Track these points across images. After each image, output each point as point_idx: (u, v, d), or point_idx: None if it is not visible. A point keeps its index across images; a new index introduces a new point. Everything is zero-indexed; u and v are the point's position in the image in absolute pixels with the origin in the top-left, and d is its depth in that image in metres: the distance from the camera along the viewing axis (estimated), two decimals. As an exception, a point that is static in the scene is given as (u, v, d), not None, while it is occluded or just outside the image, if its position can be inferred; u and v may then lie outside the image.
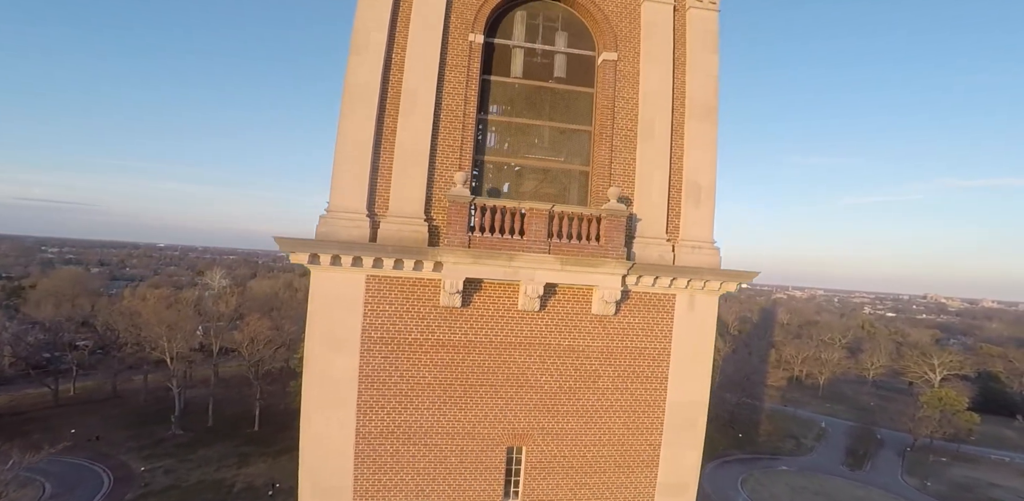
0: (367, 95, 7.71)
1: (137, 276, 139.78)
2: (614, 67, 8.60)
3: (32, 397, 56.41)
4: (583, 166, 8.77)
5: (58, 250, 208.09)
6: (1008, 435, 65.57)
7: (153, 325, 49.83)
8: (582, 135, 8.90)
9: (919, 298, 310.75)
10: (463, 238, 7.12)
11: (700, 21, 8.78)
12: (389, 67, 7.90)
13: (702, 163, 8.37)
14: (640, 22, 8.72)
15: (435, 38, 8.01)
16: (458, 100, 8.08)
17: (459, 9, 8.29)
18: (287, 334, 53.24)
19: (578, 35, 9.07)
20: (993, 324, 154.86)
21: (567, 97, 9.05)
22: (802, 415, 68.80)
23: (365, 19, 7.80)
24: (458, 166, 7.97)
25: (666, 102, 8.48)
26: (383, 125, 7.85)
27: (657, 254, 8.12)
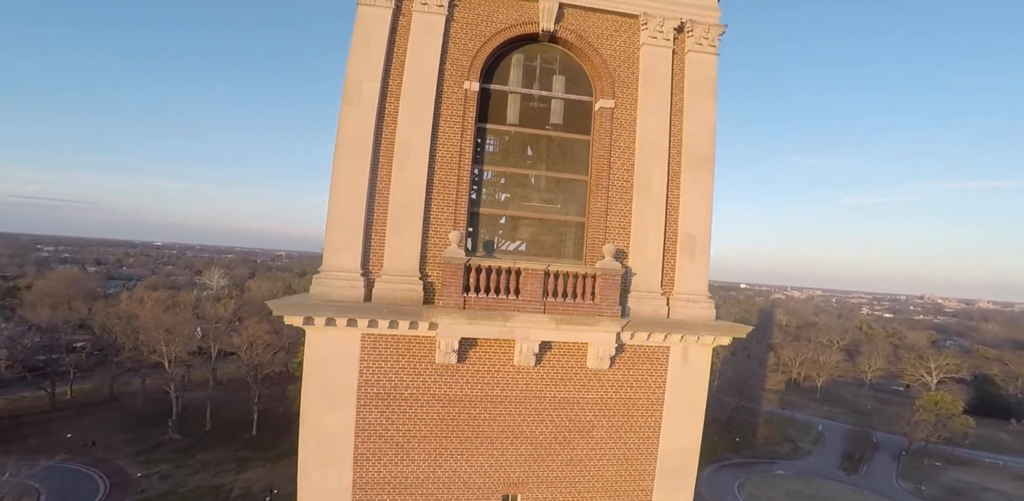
0: (360, 149, 7.58)
1: (134, 275, 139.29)
2: (611, 115, 8.49)
3: (29, 400, 56.27)
4: (579, 217, 8.69)
5: (54, 248, 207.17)
6: (1002, 438, 66.06)
7: (151, 329, 49.68)
8: (578, 184, 8.82)
9: (916, 298, 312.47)
10: (458, 300, 7.07)
11: (699, 65, 8.64)
12: (382, 118, 7.78)
13: (697, 215, 8.31)
14: (638, 67, 8.59)
15: (430, 86, 7.89)
16: (453, 152, 7.97)
17: (455, 56, 8.18)
18: (286, 338, 53.13)
19: (575, 80, 8.95)
20: (989, 326, 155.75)
21: (563, 145, 8.95)
22: (799, 418, 69.18)
23: (358, 68, 7.66)
24: (453, 221, 7.89)
25: (663, 153, 8.39)
26: (376, 180, 7.73)
27: (652, 309, 8.09)
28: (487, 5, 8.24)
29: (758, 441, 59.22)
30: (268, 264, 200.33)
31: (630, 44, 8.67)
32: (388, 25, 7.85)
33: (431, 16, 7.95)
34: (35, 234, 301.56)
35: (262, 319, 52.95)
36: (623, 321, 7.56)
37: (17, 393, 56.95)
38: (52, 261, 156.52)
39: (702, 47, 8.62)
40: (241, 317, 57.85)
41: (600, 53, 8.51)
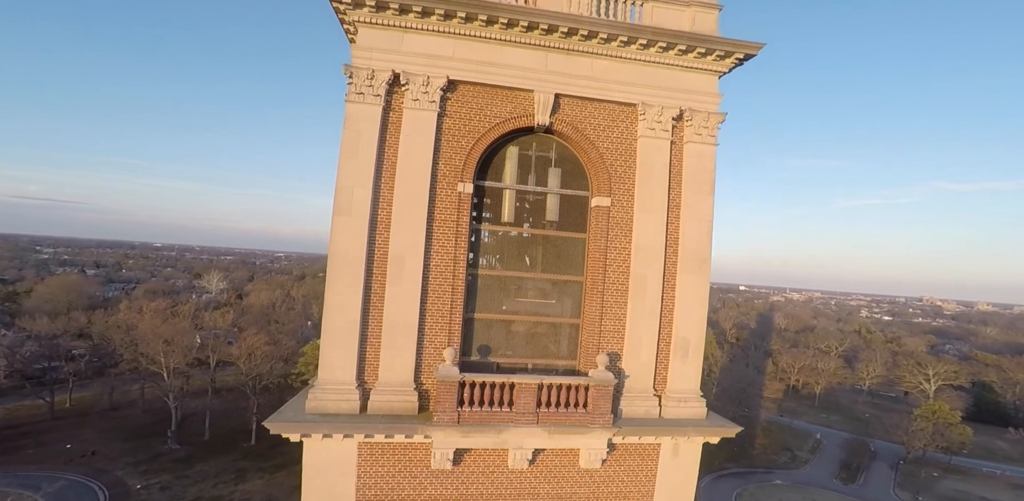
0: (353, 264, 7.52)
1: (133, 279, 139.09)
2: (607, 213, 8.37)
3: (28, 409, 56.19)
4: (574, 318, 8.58)
5: (53, 250, 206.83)
6: (1000, 447, 66.19)
7: (149, 339, 49.65)
8: (574, 285, 8.72)
9: (915, 301, 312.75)
10: (452, 415, 7.09)
11: (698, 158, 8.48)
12: (375, 227, 7.66)
13: (692, 318, 8.25)
14: (636, 161, 8.41)
15: (422, 190, 7.73)
16: (447, 259, 7.87)
17: (447, 155, 7.93)
18: (285, 349, 53.14)
19: (572, 172, 8.73)
20: (988, 329, 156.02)
21: (559, 244, 8.79)
22: (798, 426, 69.27)
23: (348, 174, 7.46)
24: (447, 333, 7.78)
25: (659, 256, 8.28)
26: (370, 294, 7.66)
27: (644, 409, 8.09)
28: (480, 98, 8.02)
29: (756, 450, 59.31)
30: (267, 266, 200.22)
31: (628, 134, 8.44)
32: (378, 123, 7.62)
33: (423, 113, 7.73)
34: (34, 235, 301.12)
35: (260, 329, 52.94)
36: (615, 429, 7.57)
37: (16, 402, 56.87)
38: (51, 264, 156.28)
39: (701, 137, 8.41)
40: (240, 327, 57.85)
41: (597, 146, 8.33)
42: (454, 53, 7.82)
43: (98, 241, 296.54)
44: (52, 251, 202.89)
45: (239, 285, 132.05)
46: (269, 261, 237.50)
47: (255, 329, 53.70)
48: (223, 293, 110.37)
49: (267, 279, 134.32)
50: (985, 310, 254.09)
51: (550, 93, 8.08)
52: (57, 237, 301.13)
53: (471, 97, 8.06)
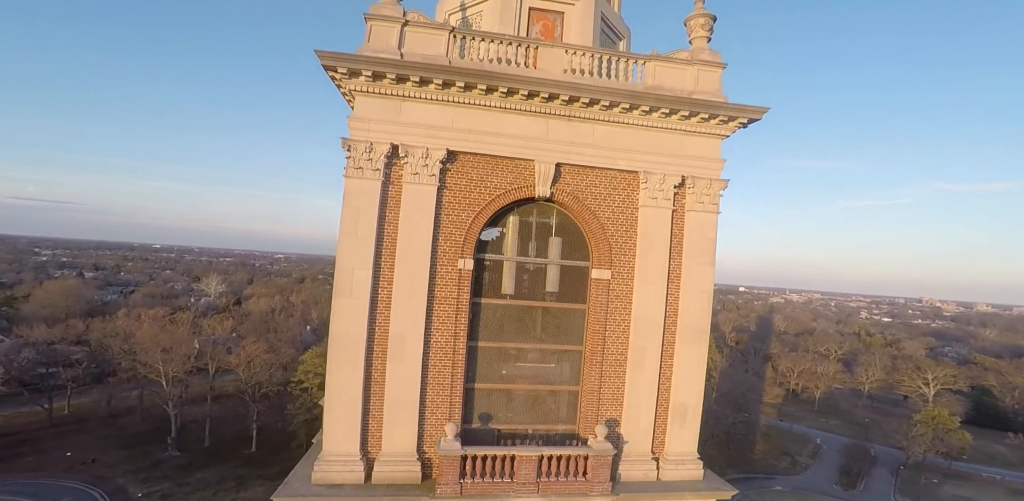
0: (354, 345, 7.50)
1: (132, 282, 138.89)
2: (608, 286, 8.30)
3: (26, 416, 56.04)
4: (573, 385, 8.57)
5: (52, 252, 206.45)
6: (1000, 451, 66.26)
7: (148, 348, 49.55)
8: (574, 354, 8.70)
9: (915, 302, 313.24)
10: (455, 487, 7.11)
11: (699, 228, 8.41)
12: (376, 306, 7.60)
13: (690, 385, 8.27)
14: (637, 231, 8.33)
15: (423, 268, 7.63)
16: (447, 335, 7.82)
17: (448, 229, 7.80)
18: (284, 356, 53.05)
19: (572, 243, 8.65)
20: (987, 331, 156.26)
21: (559, 315, 8.75)
22: (797, 431, 69.30)
23: (348, 254, 7.39)
24: (448, 406, 7.74)
25: (658, 328, 8.25)
26: (371, 370, 7.63)
27: (642, 473, 8.11)
28: (480, 168, 7.91)
29: (756, 456, 59.31)
30: (266, 268, 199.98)
31: (628, 203, 8.34)
32: (377, 198, 7.50)
33: (423, 187, 7.61)
34: (33, 236, 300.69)
35: (259, 337, 52.85)
36: (614, 496, 7.60)
37: (13, 409, 56.72)
38: (50, 266, 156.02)
39: (703, 205, 8.35)
40: (240, 335, 57.79)
41: (597, 216, 8.25)
42: (453, 122, 7.67)
43: (97, 242, 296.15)
44: (51, 253, 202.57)
45: (238, 288, 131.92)
46: (268, 263, 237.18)
47: (254, 337, 53.60)
48: (222, 297, 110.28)
49: (266, 282, 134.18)
50: (985, 311, 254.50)
51: (551, 163, 7.95)
52: (56, 238, 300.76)
53: (471, 168, 7.94)
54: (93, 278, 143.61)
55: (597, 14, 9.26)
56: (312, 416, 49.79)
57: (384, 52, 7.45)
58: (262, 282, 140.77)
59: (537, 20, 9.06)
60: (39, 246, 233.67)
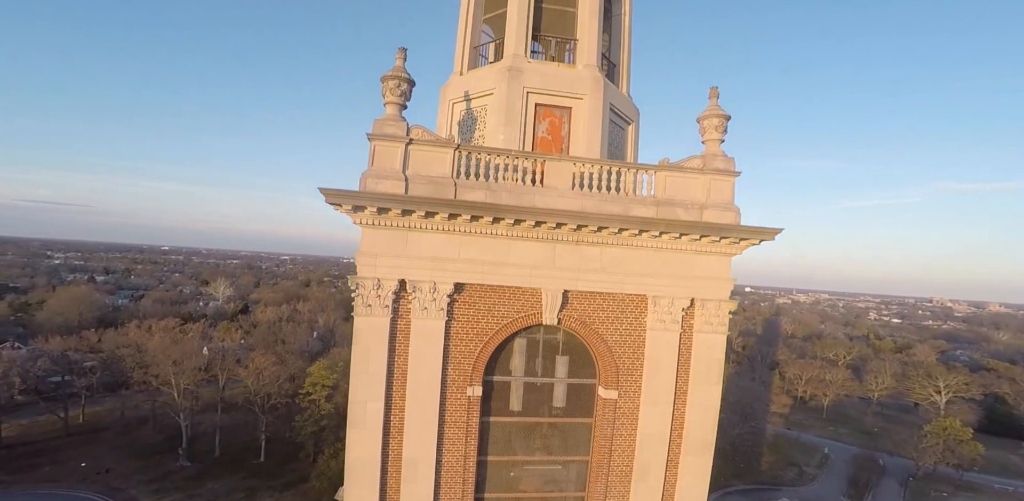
0: (369, 469, 7.64)
1: (142, 286, 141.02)
2: (614, 405, 8.38)
3: (42, 425, 57.27)
4: (579, 492, 8.63)
5: (64, 256, 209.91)
6: (1013, 462, 65.29)
7: (160, 360, 50.41)
8: (579, 464, 8.74)
9: (925, 302, 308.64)
10: None
11: (706, 348, 8.38)
12: (388, 433, 7.75)
13: (695, 494, 8.22)
14: (644, 352, 8.33)
15: (433, 397, 7.76)
16: (458, 456, 7.97)
17: (456, 359, 7.91)
18: (292, 367, 53.64)
19: (579, 362, 8.70)
20: (1000, 334, 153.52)
21: (566, 428, 8.88)
22: (805, 440, 68.78)
23: (360, 390, 7.57)
24: None
25: (663, 444, 8.31)
26: (386, 491, 7.73)
27: None
28: (488, 299, 7.97)
29: (763, 466, 59.00)
30: (273, 271, 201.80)
31: (636, 325, 8.34)
32: (387, 334, 7.66)
33: (431, 322, 7.73)
34: (46, 239, 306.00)
35: (267, 349, 53.43)
36: None
37: (31, 417, 57.97)
38: (62, 270, 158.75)
39: (711, 327, 8.31)
40: (248, 345, 58.50)
41: (605, 340, 8.25)
42: (460, 253, 7.72)
43: (107, 244, 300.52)
44: (63, 256, 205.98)
45: (245, 292, 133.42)
46: (275, 265, 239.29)
47: (262, 349, 54.23)
48: (230, 301, 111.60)
49: (273, 286, 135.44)
50: (997, 312, 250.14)
51: (558, 291, 8.00)
52: (68, 241, 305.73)
53: (478, 297, 8.01)
54: (104, 282, 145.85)
55: (606, 106, 9.16)
56: (319, 427, 50.40)
57: (388, 177, 7.48)
58: (269, 286, 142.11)
59: (544, 117, 8.98)
60: (51, 249, 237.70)
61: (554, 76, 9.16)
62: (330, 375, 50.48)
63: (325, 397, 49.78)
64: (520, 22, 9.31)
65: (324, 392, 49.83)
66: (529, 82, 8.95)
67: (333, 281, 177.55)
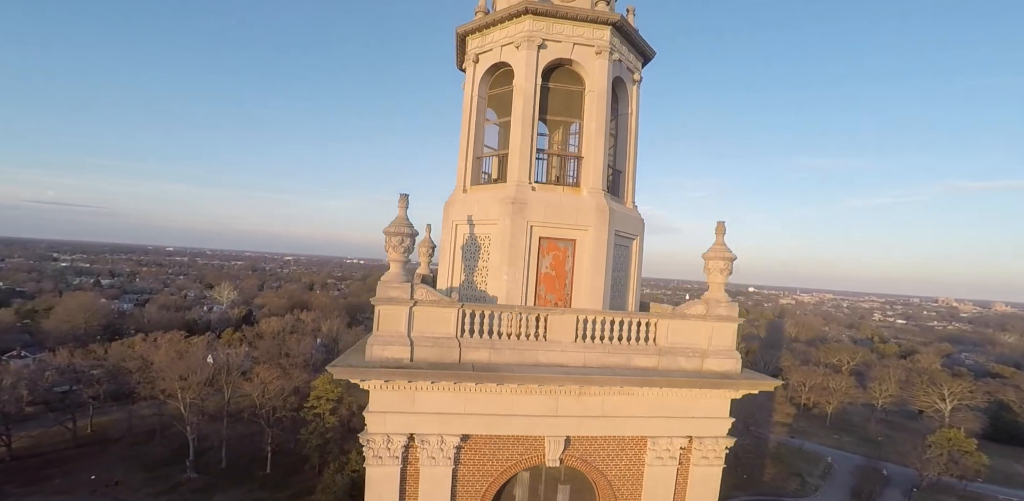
0: None
1: (147, 290, 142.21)
2: None
3: (51, 436, 58.00)
4: None
5: (70, 258, 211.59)
6: (1018, 471, 65.10)
7: (166, 374, 50.93)
8: None
9: (930, 302, 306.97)
10: None
11: (703, 481, 8.44)
12: None
13: None
14: (642, 486, 8.42)
15: None
16: None
17: (463, 497, 8.03)
18: (296, 380, 54.05)
19: (579, 490, 8.78)
20: (1006, 336, 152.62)
21: None
22: (809, 449, 68.79)
23: None
24: None
25: None
26: None
27: None
28: (493, 446, 8.10)
29: (765, 477, 59.09)
30: (277, 273, 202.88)
31: (636, 460, 8.47)
32: (397, 481, 7.85)
33: (439, 469, 7.90)
34: (52, 240, 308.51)
35: (272, 363, 53.79)
36: None
37: (40, 428, 58.73)
38: (68, 274, 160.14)
39: (708, 461, 8.41)
40: (254, 357, 58.92)
41: (605, 475, 8.36)
42: (466, 408, 7.86)
43: (113, 245, 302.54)
44: (69, 258, 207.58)
45: (249, 296, 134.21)
46: (279, 266, 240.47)
47: (267, 363, 54.62)
48: (234, 307, 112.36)
49: (277, 291, 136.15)
50: (1003, 312, 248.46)
51: (561, 437, 8.16)
52: (74, 242, 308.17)
53: (484, 445, 8.20)
54: (109, 286, 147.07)
55: (611, 235, 9.15)
56: (324, 440, 50.84)
57: (394, 342, 7.62)
58: (272, 290, 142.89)
59: (548, 250, 8.98)
60: (57, 250, 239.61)
61: (559, 207, 9.16)
62: (334, 389, 50.80)
63: (330, 410, 50.15)
64: (524, 148, 9.25)
65: (329, 405, 50.18)
66: (533, 216, 8.97)
67: (336, 283, 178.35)
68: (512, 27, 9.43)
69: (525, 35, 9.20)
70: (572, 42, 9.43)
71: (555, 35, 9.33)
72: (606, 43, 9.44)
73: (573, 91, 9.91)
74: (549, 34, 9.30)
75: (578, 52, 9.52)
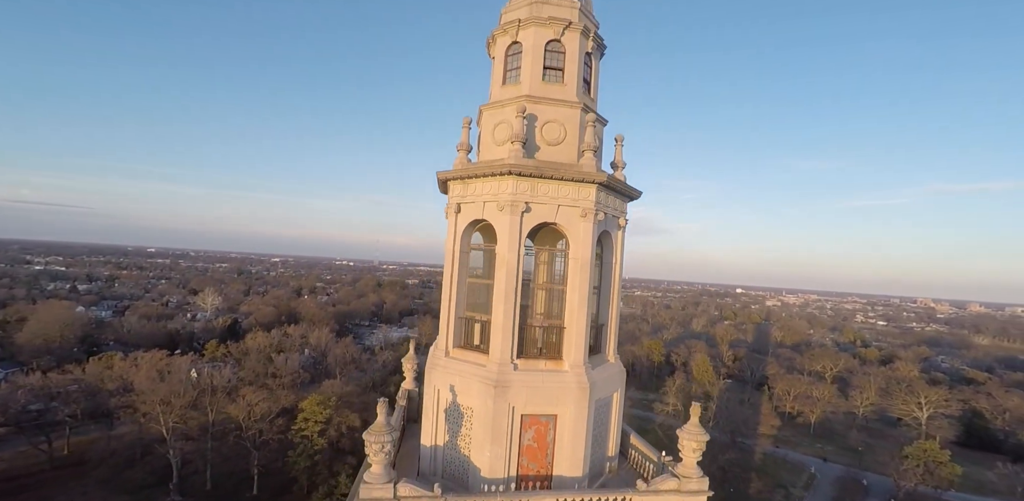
0: None
1: (126, 295, 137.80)
2: None
3: (26, 458, 55.93)
4: None
5: (44, 260, 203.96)
6: (990, 479, 67.59)
7: (148, 399, 49.46)
8: None
9: (909, 302, 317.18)
10: None
11: None
12: None
13: None
14: None
15: None
16: None
17: None
18: (284, 400, 53.09)
19: None
20: (980, 339, 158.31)
21: None
22: (792, 459, 70.46)
23: None
24: None
25: None
26: None
27: None
28: None
29: (751, 490, 60.34)
30: (263, 276, 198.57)
31: None
32: None
33: None
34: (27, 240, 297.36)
35: (258, 385, 52.69)
36: None
37: (13, 449, 56.57)
38: (43, 278, 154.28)
39: None
40: (240, 377, 57.61)
41: None
42: None
43: (91, 246, 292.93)
44: (44, 261, 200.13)
45: (235, 302, 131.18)
46: (265, 269, 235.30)
47: (253, 385, 53.43)
48: (218, 315, 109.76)
49: (263, 297, 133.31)
50: (977, 312, 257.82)
51: None
52: (50, 243, 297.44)
53: None
54: (87, 291, 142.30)
55: (591, 405, 9.00)
56: (312, 462, 50.11)
57: None
58: (259, 296, 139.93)
59: (530, 425, 8.88)
60: (32, 252, 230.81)
61: (540, 389, 8.98)
62: (322, 410, 50.03)
63: (318, 432, 49.40)
64: (507, 324, 9.04)
65: (317, 427, 49.42)
66: (515, 398, 8.84)
67: (325, 287, 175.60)
68: (495, 183, 9.22)
69: (509, 198, 8.97)
70: (556, 204, 9.21)
71: (539, 197, 9.10)
72: (592, 204, 9.24)
73: (558, 232, 9.73)
74: (533, 196, 9.07)
75: (563, 214, 9.31)
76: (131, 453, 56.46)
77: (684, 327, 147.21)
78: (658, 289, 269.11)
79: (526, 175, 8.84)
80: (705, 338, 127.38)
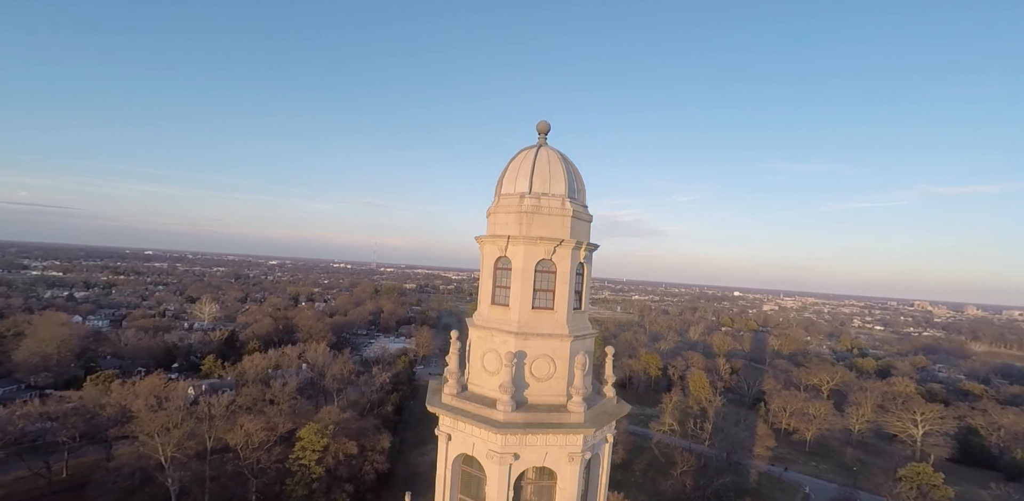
0: None
1: (124, 304, 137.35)
2: None
3: (24, 482, 55.96)
4: None
5: (41, 264, 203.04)
6: (984, 498, 68.16)
7: (146, 428, 49.47)
8: None
9: (906, 305, 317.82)
10: None
11: None
12: None
13: None
14: None
15: None
16: None
17: None
18: (282, 428, 53.13)
19: None
20: (977, 346, 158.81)
21: None
22: (788, 478, 70.85)
23: None
24: None
25: None
26: None
27: None
28: None
29: (747, 512, 60.72)
30: (260, 281, 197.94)
31: None
32: None
33: None
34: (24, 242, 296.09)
35: (255, 412, 52.67)
36: None
37: (12, 472, 56.60)
38: (39, 285, 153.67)
39: None
40: (238, 404, 57.57)
41: None
42: None
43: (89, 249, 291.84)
44: (41, 266, 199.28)
45: (232, 310, 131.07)
46: (263, 272, 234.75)
47: (250, 412, 53.42)
48: (215, 326, 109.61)
49: (260, 306, 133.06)
50: (975, 315, 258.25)
51: None
52: (47, 245, 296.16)
53: None
54: (84, 299, 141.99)
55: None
56: (310, 490, 50.25)
57: None
58: (256, 304, 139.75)
59: None
60: (29, 256, 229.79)
61: None
62: (320, 439, 50.10)
63: (316, 461, 49.50)
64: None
65: (315, 456, 49.53)
66: None
67: (323, 293, 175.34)
68: (485, 432, 9.42)
69: (499, 449, 9.22)
70: (545, 452, 9.39)
71: (528, 445, 9.26)
72: (579, 449, 9.42)
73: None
74: (522, 447, 9.31)
75: (552, 457, 9.44)
76: (130, 476, 56.51)
77: (681, 336, 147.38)
78: (656, 292, 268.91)
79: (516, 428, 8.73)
80: (702, 348, 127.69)
